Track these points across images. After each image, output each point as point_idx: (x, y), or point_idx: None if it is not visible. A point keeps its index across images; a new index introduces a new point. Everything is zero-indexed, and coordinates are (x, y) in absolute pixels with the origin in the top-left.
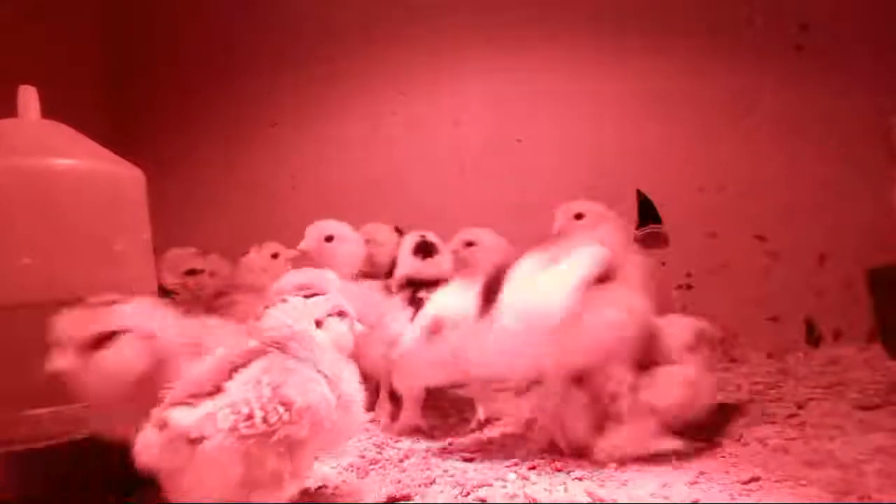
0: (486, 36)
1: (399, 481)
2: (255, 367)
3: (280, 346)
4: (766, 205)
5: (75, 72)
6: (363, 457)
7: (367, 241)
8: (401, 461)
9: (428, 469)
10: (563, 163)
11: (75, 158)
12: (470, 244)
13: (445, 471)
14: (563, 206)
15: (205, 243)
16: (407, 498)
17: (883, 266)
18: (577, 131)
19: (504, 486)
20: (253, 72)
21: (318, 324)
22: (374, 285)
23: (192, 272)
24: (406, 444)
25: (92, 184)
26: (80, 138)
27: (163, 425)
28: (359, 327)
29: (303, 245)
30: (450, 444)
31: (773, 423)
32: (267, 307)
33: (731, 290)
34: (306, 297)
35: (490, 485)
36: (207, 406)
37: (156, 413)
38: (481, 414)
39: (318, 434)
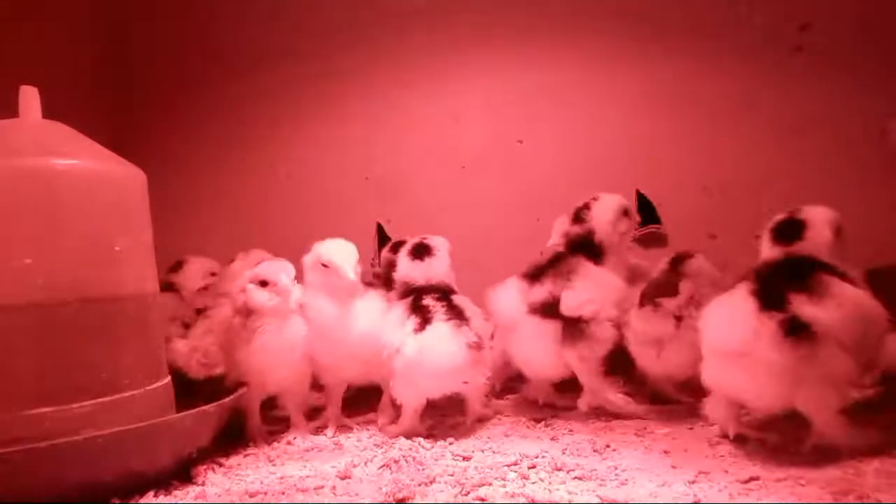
0: (487, 33)
1: (398, 481)
2: None
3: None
4: (767, 205)
5: (76, 72)
6: (363, 457)
7: None
8: (400, 461)
9: (427, 468)
10: (564, 162)
11: (77, 159)
12: None
13: (445, 470)
14: (560, 220)
15: (204, 244)
16: (407, 498)
17: (883, 267)
18: (578, 131)
19: (504, 485)
20: (253, 70)
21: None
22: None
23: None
24: (405, 443)
25: (93, 184)
26: (82, 138)
27: None
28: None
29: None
30: (450, 443)
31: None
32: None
33: None
34: None
35: (490, 484)
36: None
37: None
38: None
39: None
